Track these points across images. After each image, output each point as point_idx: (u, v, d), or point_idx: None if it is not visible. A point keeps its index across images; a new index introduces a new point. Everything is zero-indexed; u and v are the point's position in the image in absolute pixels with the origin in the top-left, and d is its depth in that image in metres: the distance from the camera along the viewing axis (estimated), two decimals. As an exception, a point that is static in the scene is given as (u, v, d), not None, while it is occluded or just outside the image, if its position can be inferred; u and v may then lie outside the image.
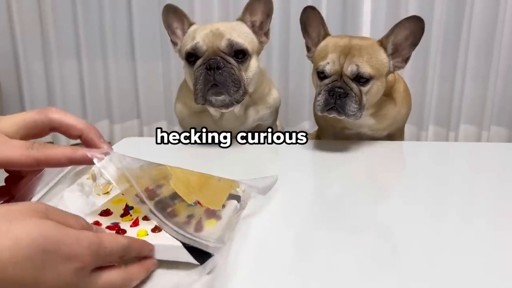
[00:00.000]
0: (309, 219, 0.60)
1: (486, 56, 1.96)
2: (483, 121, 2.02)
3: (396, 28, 0.85)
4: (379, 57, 0.85)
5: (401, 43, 0.86)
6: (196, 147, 0.94)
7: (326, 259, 0.48)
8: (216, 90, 0.88)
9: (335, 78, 0.85)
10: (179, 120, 1.09)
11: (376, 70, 0.84)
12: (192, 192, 0.53)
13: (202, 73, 0.88)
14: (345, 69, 0.84)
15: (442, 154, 0.94)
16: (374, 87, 0.86)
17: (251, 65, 0.93)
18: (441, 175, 0.79)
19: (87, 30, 2.13)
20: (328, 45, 0.88)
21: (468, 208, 0.64)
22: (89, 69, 2.18)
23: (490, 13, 1.91)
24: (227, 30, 0.90)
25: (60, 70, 2.19)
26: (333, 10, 1.97)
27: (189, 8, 2.00)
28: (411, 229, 0.55)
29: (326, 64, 0.85)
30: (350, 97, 0.83)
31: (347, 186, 0.73)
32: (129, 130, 2.27)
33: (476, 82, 2.01)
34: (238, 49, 0.89)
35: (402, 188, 0.74)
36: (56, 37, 2.14)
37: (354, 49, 0.84)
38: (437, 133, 2.10)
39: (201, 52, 0.89)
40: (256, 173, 0.72)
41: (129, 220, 0.50)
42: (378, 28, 1.96)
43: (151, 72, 2.18)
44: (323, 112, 0.86)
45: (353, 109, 0.84)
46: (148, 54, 2.13)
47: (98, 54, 2.17)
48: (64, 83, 2.21)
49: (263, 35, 0.97)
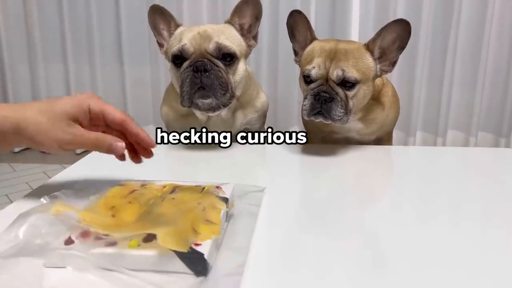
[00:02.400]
0: (296, 223, 0.59)
1: (473, 63, 1.97)
2: (470, 127, 2.03)
3: (383, 32, 0.84)
4: (365, 61, 0.85)
5: (388, 47, 0.86)
6: (182, 150, 0.93)
7: (312, 263, 0.47)
8: (202, 93, 0.87)
9: (321, 82, 0.84)
10: (165, 124, 1.07)
11: (362, 74, 0.84)
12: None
13: (188, 75, 0.87)
14: (330, 73, 0.83)
15: (430, 158, 0.93)
16: (361, 91, 0.85)
17: (239, 68, 0.92)
18: (429, 179, 0.78)
19: (73, 33, 2.10)
20: (314, 49, 0.88)
21: (456, 212, 0.63)
22: (76, 73, 2.15)
23: (477, 20, 1.93)
24: (215, 32, 0.89)
25: (45, 74, 2.16)
26: (321, 13, 1.97)
27: (177, 10, 1.99)
28: (399, 233, 0.55)
29: (312, 68, 0.85)
30: (336, 101, 0.83)
31: (335, 190, 0.72)
32: (116, 135, 2.24)
33: (464, 88, 2.03)
34: (226, 52, 0.88)
35: (390, 192, 0.73)
36: (42, 40, 2.11)
37: (340, 53, 0.83)
38: (424, 139, 2.11)
39: (188, 54, 0.88)
40: (243, 177, 0.71)
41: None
42: (367, 31, 1.98)
43: (139, 75, 2.16)
44: (309, 116, 0.85)
45: (339, 113, 0.83)
46: (136, 58, 2.11)
47: (84, 57, 2.15)
48: (50, 88, 2.18)
49: (251, 39, 0.97)
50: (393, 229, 0.56)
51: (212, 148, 0.94)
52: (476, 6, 1.92)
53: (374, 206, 0.66)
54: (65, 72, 2.16)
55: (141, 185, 0.65)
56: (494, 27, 1.94)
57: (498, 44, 1.97)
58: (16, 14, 2.10)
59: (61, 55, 2.15)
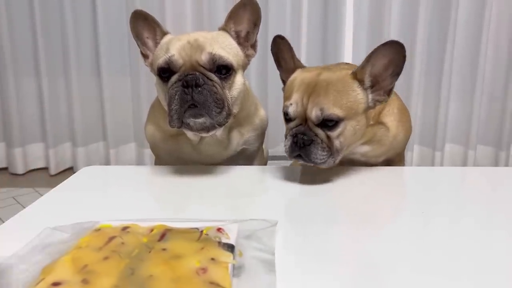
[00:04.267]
0: (293, 244, 0.52)
1: (470, 76, 1.91)
2: (469, 141, 1.96)
3: (373, 57, 0.71)
4: (351, 94, 0.72)
5: (380, 74, 0.73)
6: (171, 176, 0.79)
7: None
8: (194, 111, 0.74)
9: (299, 122, 0.73)
10: (150, 145, 0.94)
11: (347, 110, 0.71)
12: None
13: (177, 91, 0.74)
14: (309, 112, 0.72)
15: (428, 179, 0.84)
16: (348, 128, 0.73)
17: (236, 82, 0.79)
18: (429, 201, 0.70)
19: (47, 44, 1.94)
20: (294, 81, 0.76)
21: (456, 235, 0.57)
22: (49, 87, 1.98)
23: (473, 33, 1.87)
24: (207, 41, 0.77)
25: (16, 89, 1.98)
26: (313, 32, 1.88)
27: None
28: (398, 255, 0.50)
29: (289, 105, 0.74)
30: (316, 144, 0.72)
31: (333, 212, 0.64)
32: (94, 154, 2.08)
33: (461, 101, 1.96)
34: (221, 64, 0.76)
35: (390, 215, 0.64)
36: (12, 52, 1.94)
37: (320, 87, 0.71)
38: (422, 153, 2.02)
39: (177, 66, 0.75)
40: (246, 209, 0.60)
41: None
42: (360, 48, 1.89)
43: (119, 89, 2.00)
44: (291, 158, 0.75)
45: (320, 157, 0.72)
46: (115, 69, 1.96)
47: (59, 69, 1.99)
48: (21, 103, 2.01)
49: (249, 47, 0.84)
50: (392, 251, 0.49)
51: (204, 173, 0.81)
52: (473, 20, 1.86)
53: (373, 229, 0.57)
54: (37, 85, 1.99)
55: (122, 228, 0.52)
56: (491, 40, 1.88)
57: (495, 57, 1.91)
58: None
59: (33, 68, 1.98)
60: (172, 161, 0.91)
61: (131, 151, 2.09)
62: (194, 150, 0.87)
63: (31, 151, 2.07)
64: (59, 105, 2.03)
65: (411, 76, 1.90)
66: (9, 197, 1.73)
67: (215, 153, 0.87)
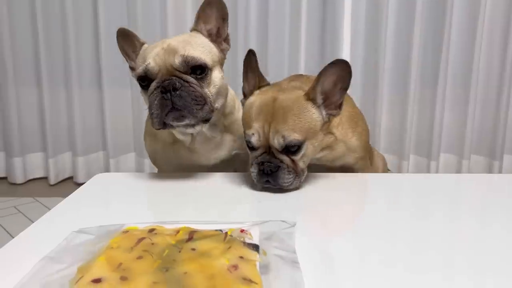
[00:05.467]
0: (345, 265, 0.50)
1: (464, 87, 1.96)
2: (463, 150, 2.00)
3: (321, 77, 0.76)
4: (307, 115, 0.76)
5: (330, 90, 0.77)
6: (181, 182, 0.82)
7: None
8: (175, 114, 0.77)
9: (263, 150, 0.77)
10: (150, 156, 0.97)
11: (307, 132, 0.75)
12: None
13: (157, 96, 0.77)
14: (271, 141, 0.75)
15: (422, 186, 0.87)
16: (309, 147, 0.77)
17: (214, 78, 0.82)
18: (423, 208, 0.72)
19: (48, 55, 1.96)
20: (252, 106, 0.78)
21: (449, 243, 0.57)
22: (50, 97, 1.99)
23: (466, 47, 1.91)
24: (180, 45, 0.79)
25: (17, 98, 1.99)
26: (311, 33, 1.92)
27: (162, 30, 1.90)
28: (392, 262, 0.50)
29: (251, 135, 0.76)
30: (282, 169, 0.75)
31: (324, 220, 0.65)
32: (94, 164, 2.08)
33: (455, 112, 2.00)
34: (195, 65, 0.79)
35: (382, 222, 0.65)
36: (14, 62, 1.96)
37: (278, 114, 0.74)
38: (417, 162, 2.06)
39: (154, 73, 0.78)
40: (254, 203, 0.63)
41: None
42: (358, 52, 1.94)
43: (119, 99, 2.02)
44: (259, 184, 0.77)
45: (287, 180, 0.75)
46: (116, 80, 1.98)
47: (60, 80, 2.00)
48: (22, 112, 2.01)
49: (222, 42, 0.87)
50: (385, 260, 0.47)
51: (215, 178, 0.83)
52: (466, 33, 1.91)
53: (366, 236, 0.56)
54: (38, 96, 2.00)
55: (149, 230, 0.54)
56: (484, 53, 1.93)
57: (488, 68, 1.96)
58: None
59: (34, 78, 1.99)
60: (173, 171, 0.93)
61: (131, 161, 2.10)
62: (190, 152, 0.90)
63: (31, 161, 2.07)
64: (59, 115, 2.04)
65: (407, 87, 1.94)
66: (10, 207, 1.73)
67: (208, 151, 0.90)
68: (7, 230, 1.50)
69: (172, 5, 1.91)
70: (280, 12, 1.91)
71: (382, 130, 2.03)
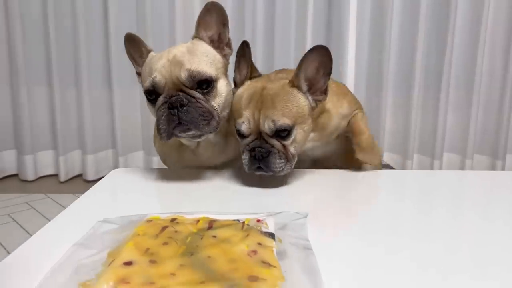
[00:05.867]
0: (357, 250, 0.54)
1: (467, 88, 1.99)
2: (466, 150, 2.03)
3: (303, 63, 0.78)
4: (294, 100, 0.78)
5: (314, 77, 0.80)
6: (193, 176, 0.85)
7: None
8: (183, 127, 0.78)
9: (254, 137, 0.79)
10: (160, 156, 1.01)
11: (296, 116, 0.78)
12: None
13: (164, 112, 0.78)
14: (262, 126, 0.77)
15: (426, 182, 0.90)
16: (300, 133, 0.79)
17: (219, 88, 0.83)
18: (426, 204, 0.75)
19: (59, 55, 2.00)
20: (242, 96, 0.81)
21: (453, 239, 0.59)
22: (61, 96, 2.04)
23: (469, 49, 1.95)
24: (185, 57, 0.80)
25: (28, 97, 2.04)
26: (317, 36, 1.96)
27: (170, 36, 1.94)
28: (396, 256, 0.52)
29: (242, 123, 0.79)
30: (273, 154, 0.77)
31: (334, 212, 0.68)
32: (103, 162, 2.13)
33: (458, 112, 2.03)
34: (201, 80, 0.79)
35: (387, 217, 0.68)
36: (25, 62, 2.00)
37: (267, 101, 0.77)
38: (421, 161, 2.09)
39: (160, 87, 0.79)
40: (268, 196, 0.65)
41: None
42: (363, 55, 1.97)
43: (128, 99, 2.06)
44: (250, 171, 0.80)
45: (279, 165, 0.78)
46: (125, 81, 2.02)
47: (70, 80, 2.04)
48: (33, 111, 2.06)
49: (224, 47, 0.88)
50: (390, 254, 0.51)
51: (223, 174, 0.87)
52: (468, 36, 1.94)
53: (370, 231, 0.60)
54: (49, 95, 2.05)
55: (171, 219, 0.57)
56: (487, 55, 1.96)
57: (491, 69, 1.99)
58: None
59: (45, 77, 2.04)
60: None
61: (139, 159, 2.14)
62: (194, 155, 0.92)
63: (42, 158, 2.11)
64: (69, 114, 2.08)
65: (411, 89, 1.98)
66: (22, 203, 1.77)
67: (211, 155, 0.92)
68: (20, 224, 1.54)
69: (181, 5, 1.95)
70: (287, 15, 1.95)
71: (387, 132, 2.06)
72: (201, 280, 0.42)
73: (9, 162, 2.12)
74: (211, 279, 0.42)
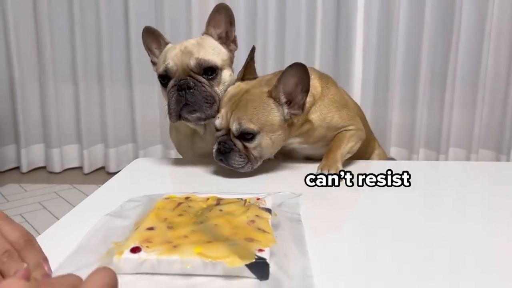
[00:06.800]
0: (340, 226, 0.62)
1: (472, 83, 2.05)
2: (471, 145, 2.09)
3: (283, 78, 0.82)
4: (266, 109, 0.83)
5: (293, 91, 0.84)
6: (206, 163, 0.96)
7: (369, 264, 0.50)
8: (189, 108, 0.90)
9: (224, 132, 0.87)
10: (176, 146, 1.12)
11: (262, 124, 0.83)
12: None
13: (174, 94, 0.90)
14: (231, 125, 0.85)
15: (433, 172, 0.97)
16: (265, 140, 0.84)
17: (223, 77, 0.93)
18: (434, 194, 0.82)
19: (84, 54, 2.14)
20: (226, 94, 0.89)
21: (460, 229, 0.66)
22: (85, 94, 2.19)
23: (474, 46, 2.01)
24: (194, 48, 0.91)
25: (55, 94, 2.19)
26: (326, 41, 2.04)
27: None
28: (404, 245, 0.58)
29: (217, 118, 0.87)
30: (234, 152, 0.85)
31: (328, 194, 0.76)
32: (124, 155, 2.26)
33: (464, 107, 2.09)
34: (207, 66, 0.91)
35: (395, 208, 0.74)
36: (53, 61, 2.15)
37: (241, 104, 0.84)
38: (427, 156, 2.16)
39: (172, 72, 0.91)
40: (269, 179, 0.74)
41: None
42: (370, 50, 2.05)
43: (148, 96, 2.19)
44: (216, 160, 0.88)
45: (237, 163, 0.85)
46: (145, 79, 2.15)
47: (94, 78, 2.19)
48: (60, 107, 2.21)
49: (231, 44, 0.98)
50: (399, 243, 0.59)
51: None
52: (474, 33, 2.00)
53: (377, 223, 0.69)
54: (74, 92, 2.19)
55: (185, 198, 0.68)
56: (491, 51, 2.02)
57: (496, 65, 2.05)
58: (28, 34, 2.14)
59: (71, 76, 2.18)
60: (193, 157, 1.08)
61: (158, 152, 2.27)
62: (203, 141, 1.02)
63: (67, 152, 2.26)
64: (93, 110, 2.22)
65: (417, 85, 2.05)
66: (51, 192, 1.92)
67: None
68: (50, 211, 1.68)
69: (196, 5, 2.06)
70: (297, 15, 2.04)
71: (393, 127, 2.13)
72: (208, 240, 0.53)
73: (38, 155, 2.28)
74: (216, 240, 0.53)
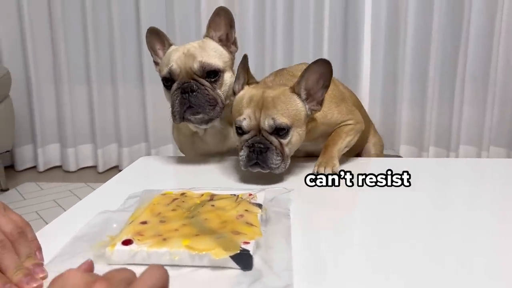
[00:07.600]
0: (327, 221, 0.65)
1: (482, 81, 2.03)
2: (482, 142, 2.07)
3: (306, 73, 0.83)
4: (293, 103, 0.83)
5: (313, 87, 0.84)
6: (202, 160, 0.99)
7: (350, 259, 0.52)
8: (192, 110, 0.92)
9: (254, 133, 0.83)
10: (178, 146, 1.15)
11: (293, 118, 0.83)
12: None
13: (178, 96, 0.92)
14: (262, 123, 0.82)
15: (443, 170, 0.98)
16: (295, 135, 0.84)
17: (225, 80, 0.96)
18: (443, 191, 0.84)
19: (97, 56, 2.21)
20: (243, 98, 0.86)
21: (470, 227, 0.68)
22: (99, 94, 2.25)
23: (484, 43, 2.00)
24: (197, 51, 0.93)
25: (70, 95, 2.25)
26: (334, 45, 2.05)
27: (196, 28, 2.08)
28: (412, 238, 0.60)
29: (243, 119, 0.83)
30: (271, 150, 0.81)
31: (321, 190, 0.78)
32: (137, 153, 2.32)
33: (474, 105, 2.08)
34: (210, 70, 0.93)
35: (402, 204, 0.76)
36: (67, 63, 2.22)
37: (268, 101, 0.82)
38: (437, 153, 2.15)
39: (176, 75, 0.93)
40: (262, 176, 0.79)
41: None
42: (379, 47, 2.05)
43: (160, 96, 2.22)
44: (246, 167, 0.84)
45: (276, 162, 0.82)
46: (156, 79, 2.18)
47: (107, 79, 2.25)
48: (74, 108, 2.27)
49: (231, 45, 1.01)
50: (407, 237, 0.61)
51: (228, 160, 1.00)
52: (483, 31, 1.99)
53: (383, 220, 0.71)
54: (88, 93, 2.26)
55: (180, 194, 0.71)
56: (502, 48, 2.00)
57: (506, 64, 2.03)
58: (43, 38, 2.21)
59: (85, 77, 2.25)
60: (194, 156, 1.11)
61: (169, 151, 2.32)
62: (202, 142, 1.05)
63: (82, 151, 2.33)
64: (106, 110, 2.29)
65: (426, 82, 2.04)
66: (66, 190, 1.98)
67: (217, 142, 1.04)
68: (65, 209, 1.74)
69: (205, 6, 2.10)
70: (305, 13, 2.06)
71: (403, 125, 2.13)
72: (196, 233, 0.56)
73: (54, 155, 2.35)
74: (203, 233, 0.56)
